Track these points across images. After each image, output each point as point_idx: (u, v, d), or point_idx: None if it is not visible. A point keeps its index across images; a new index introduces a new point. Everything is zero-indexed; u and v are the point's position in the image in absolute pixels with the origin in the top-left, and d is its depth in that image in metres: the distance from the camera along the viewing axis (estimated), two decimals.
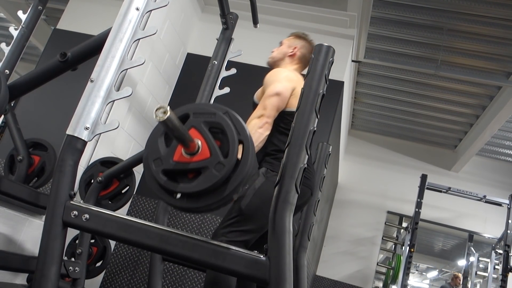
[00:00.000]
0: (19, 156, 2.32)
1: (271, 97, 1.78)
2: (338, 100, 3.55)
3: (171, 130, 0.99)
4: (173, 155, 1.07)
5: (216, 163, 1.04)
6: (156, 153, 1.08)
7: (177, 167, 1.06)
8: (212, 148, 1.06)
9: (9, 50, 2.14)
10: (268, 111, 1.77)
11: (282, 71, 1.92)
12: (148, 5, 1.36)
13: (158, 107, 0.94)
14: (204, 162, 1.05)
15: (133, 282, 3.09)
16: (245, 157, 1.06)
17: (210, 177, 1.03)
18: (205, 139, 1.07)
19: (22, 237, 2.21)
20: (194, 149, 1.05)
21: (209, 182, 1.02)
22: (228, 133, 1.07)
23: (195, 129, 1.08)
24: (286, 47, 2.10)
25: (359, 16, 3.69)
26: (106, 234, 1.13)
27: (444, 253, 9.21)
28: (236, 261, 1.05)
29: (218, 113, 1.09)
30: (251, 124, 1.75)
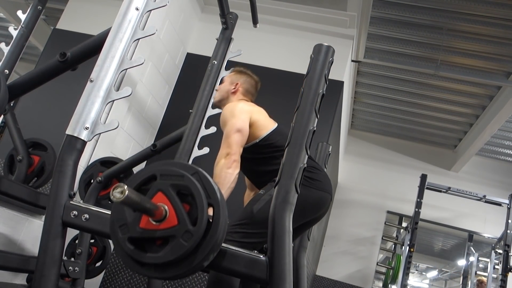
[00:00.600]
0: (18, 156, 2.32)
1: (233, 134, 1.79)
2: (337, 100, 3.55)
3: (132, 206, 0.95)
4: (139, 222, 1.01)
5: (184, 232, 0.98)
6: (122, 219, 1.02)
7: (143, 235, 1.00)
8: (180, 215, 1.00)
9: (9, 50, 2.13)
10: (233, 148, 1.77)
11: (233, 106, 1.92)
12: (147, 5, 1.36)
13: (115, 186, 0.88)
14: (171, 230, 0.99)
15: (133, 282, 3.09)
16: (216, 222, 1.00)
17: (178, 247, 0.97)
18: (172, 204, 1.01)
19: (21, 237, 2.21)
20: (161, 216, 1.00)
21: (176, 253, 0.97)
22: (196, 198, 1.01)
23: (162, 193, 1.02)
24: (228, 84, 2.10)
25: (359, 16, 3.69)
26: (106, 234, 1.12)
27: (444, 253, 9.21)
28: (236, 261, 1.05)
29: (187, 176, 1.03)
30: (220, 165, 1.74)
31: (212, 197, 1.02)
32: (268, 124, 1.91)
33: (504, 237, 4.57)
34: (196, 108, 2.43)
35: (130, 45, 1.31)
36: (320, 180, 1.81)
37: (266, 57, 3.64)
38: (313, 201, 1.78)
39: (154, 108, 3.42)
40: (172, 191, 1.02)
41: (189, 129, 2.38)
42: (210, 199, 1.02)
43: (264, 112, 1.99)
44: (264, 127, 1.89)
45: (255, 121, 1.87)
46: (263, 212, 1.68)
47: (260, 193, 1.75)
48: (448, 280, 11.24)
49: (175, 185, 1.03)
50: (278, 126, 1.93)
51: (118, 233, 1.02)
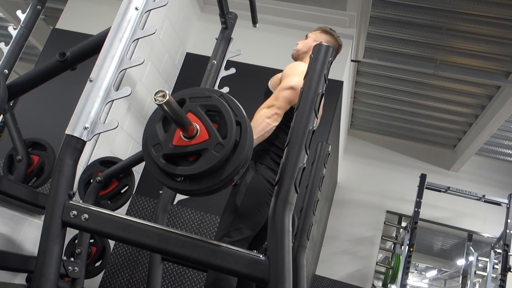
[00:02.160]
0: (18, 156, 2.32)
1: (284, 90, 1.78)
2: (337, 99, 3.55)
3: (169, 113, 0.99)
4: (172, 139, 1.07)
5: (215, 144, 1.04)
6: (155, 138, 1.08)
7: (176, 151, 1.06)
8: (211, 130, 1.06)
9: (8, 50, 2.13)
10: (279, 102, 1.76)
11: (301, 65, 1.89)
12: (147, 5, 1.36)
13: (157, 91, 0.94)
14: (203, 144, 1.05)
15: (133, 282, 3.09)
16: (243, 138, 1.07)
17: (211, 158, 1.03)
18: (202, 122, 1.07)
19: (21, 237, 2.21)
20: (193, 132, 1.05)
21: (209, 163, 1.03)
22: (225, 115, 1.07)
23: (192, 114, 1.08)
24: (312, 41, 2.06)
25: (359, 16, 3.69)
26: (106, 234, 1.12)
27: (443, 253, 9.22)
28: (235, 260, 1.05)
29: (214, 96, 1.09)
30: (261, 113, 1.75)
31: (238, 115, 1.08)
32: None
33: (503, 236, 4.57)
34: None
35: (129, 45, 1.31)
36: None
37: (266, 56, 3.64)
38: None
39: (154, 108, 3.41)
40: (201, 110, 1.08)
41: None
42: (237, 117, 1.08)
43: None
44: None
45: None
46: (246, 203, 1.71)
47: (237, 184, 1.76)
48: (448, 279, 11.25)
49: (203, 105, 1.09)
50: None
51: (152, 152, 1.07)
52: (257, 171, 1.78)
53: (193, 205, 3.21)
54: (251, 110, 1.85)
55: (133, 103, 3.11)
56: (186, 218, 3.20)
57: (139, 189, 3.28)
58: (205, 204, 3.18)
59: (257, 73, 3.59)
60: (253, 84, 3.62)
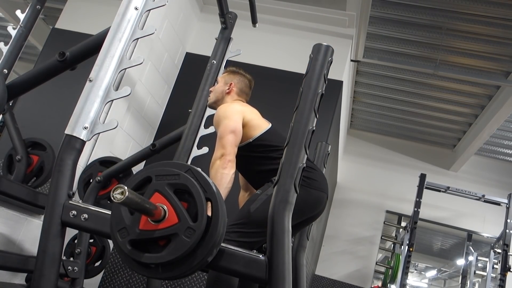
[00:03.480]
0: (17, 156, 2.31)
1: (227, 135, 1.80)
2: (337, 99, 3.55)
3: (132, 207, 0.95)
4: (138, 223, 1.01)
5: (186, 228, 0.98)
6: (121, 223, 1.02)
7: (144, 236, 1.00)
8: (180, 212, 1.00)
9: (8, 50, 2.13)
10: (228, 149, 1.77)
11: (226, 107, 1.93)
12: (146, 5, 1.36)
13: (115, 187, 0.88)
14: (173, 228, 0.99)
15: (132, 281, 3.09)
16: (215, 215, 1.01)
17: (181, 245, 0.97)
18: (171, 203, 1.01)
19: (20, 237, 2.20)
20: (160, 215, 1.00)
21: (180, 250, 0.97)
22: (194, 194, 1.01)
23: (159, 193, 1.03)
24: (223, 85, 2.10)
25: (358, 16, 3.69)
26: (105, 234, 1.12)
27: (443, 253, 9.22)
28: (235, 260, 1.05)
29: (182, 174, 1.03)
30: (215, 166, 1.75)
31: (208, 192, 1.03)
32: (261, 124, 1.93)
33: (503, 236, 4.57)
34: (195, 107, 2.43)
35: (129, 45, 1.31)
36: (317, 180, 1.82)
37: (265, 56, 3.64)
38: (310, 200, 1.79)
39: (153, 107, 3.42)
40: (169, 190, 1.03)
41: (188, 129, 2.38)
42: (207, 194, 1.02)
43: (257, 112, 2.00)
44: (257, 126, 1.90)
45: (249, 121, 1.88)
46: (260, 211, 1.69)
47: (257, 193, 1.76)
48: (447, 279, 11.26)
49: (171, 184, 1.03)
50: (271, 126, 1.95)
51: (118, 237, 1.02)
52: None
53: None
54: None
55: (132, 103, 3.11)
56: None
57: None
58: None
59: (257, 73, 3.57)
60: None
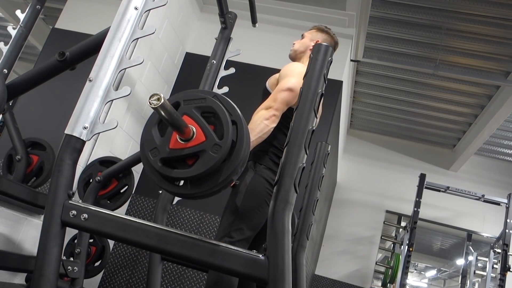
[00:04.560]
0: (17, 156, 2.31)
1: (282, 91, 1.77)
2: (337, 99, 3.55)
3: (165, 116, 0.99)
4: (168, 143, 1.07)
5: (213, 145, 1.04)
6: (152, 143, 1.08)
7: (173, 154, 1.05)
8: (207, 131, 1.06)
9: (7, 50, 2.13)
10: (277, 104, 1.76)
11: (298, 66, 1.89)
12: (146, 5, 1.36)
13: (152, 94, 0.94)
14: (201, 146, 1.05)
15: (132, 281, 3.09)
16: (240, 137, 1.06)
17: (209, 160, 1.03)
18: (198, 124, 1.07)
19: (20, 237, 2.20)
20: (189, 134, 1.05)
21: (207, 164, 1.02)
22: (220, 115, 1.07)
23: (188, 116, 1.08)
24: (308, 40, 2.05)
25: (358, 16, 3.69)
26: (105, 234, 1.12)
27: (442, 252, 9.23)
28: (234, 260, 1.05)
29: (208, 97, 1.09)
30: (258, 114, 1.74)
31: (233, 114, 1.08)
32: None
33: (502, 236, 4.57)
34: None
35: (129, 45, 1.31)
36: None
37: (265, 56, 3.64)
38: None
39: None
40: (197, 113, 1.08)
41: None
42: (232, 116, 1.07)
43: None
44: None
45: None
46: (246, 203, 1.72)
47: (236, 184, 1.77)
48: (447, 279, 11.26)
49: (198, 107, 1.09)
50: None
51: (150, 156, 1.07)
52: (256, 172, 1.79)
53: (193, 205, 3.21)
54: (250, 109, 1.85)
55: (132, 103, 3.11)
56: (185, 218, 3.20)
57: (139, 189, 3.28)
58: (205, 204, 3.18)
59: (257, 73, 3.59)
60: (252, 84, 3.62)
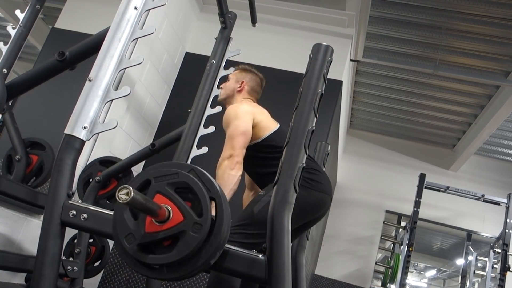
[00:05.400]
0: (17, 156, 2.31)
1: (237, 136, 1.80)
2: (336, 99, 3.55)
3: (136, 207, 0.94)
4: (143, 226, 1.00)
5: (192, 224, 0.97)
6: (126, 228, 1.01)
7: (151, 238, 0.99)
8: (184, 210, 0.99)
9: (7, 49, 2.13)
10: (237, 150, 1.78)
11: (237, 107, 1.93)
12: (146, 4, 1.36)
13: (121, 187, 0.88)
14: (179, 226, 0.98)
15: (132, 281, 3.09)
16: (220, 214, 0.99)
17: (190, 241, 0.96)
18: (173, 202, 1.00)
19: (20, 237, 2.20)
20: (164, 216, 0.99)
21: (189, 246, 0.95)
22: (197, 192, 1.00)
23: (161, 194, 1.02)
24: (234, 83, 2.10)
25: (358, 16, 3.69)
26: (105, 234, 1.12)
27: (442, 252, 9.23)
28: (234, 260, 1.05)
29: (181, 172, 1.03)
30: (222, 166, 1.75)
31: (212, 190, 1.01)
32: (270, 125, 1.93)
33: (502, 236, 4.57)
34: (195, 107, 2.43)
35: (128, 45, 1.31)
36: (320, 182, 1.82)
37: (265, 56, 3.64)
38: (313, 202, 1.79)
39: (153, 107, 3.42)
40: (170, 190, 1.02)
41: (187, 129, 2.38)
42: (211, 192, 1.01)
43: (266, 112, 2.00)
44: (266, 127, 1.90)
45: (258, 122, 1.88)
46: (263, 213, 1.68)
47: (261, 194, 1.76)
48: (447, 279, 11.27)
49: (171, 184, 1.02)
50: (280, 127, 1.95)
51: (125, 244, 1.01)
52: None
53: None
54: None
55: (132, 103, 3.11)
56: None
57: None
58: None
59: None
60: None
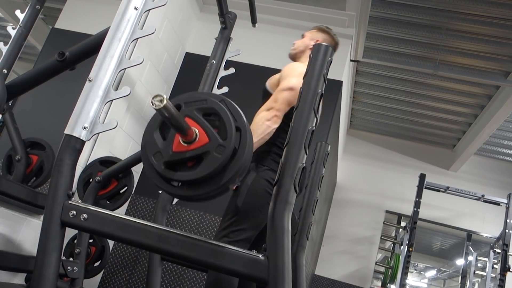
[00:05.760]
0: (17, 156, 2.31)
1: (283, 91, 1.77)
2: (336, 99, 3.55)
3: (168, 118, 0.97)
4: (171, 146, 1.05)
5: (216, 146, 1.02)
6: (155, 146, 1.06)
7: (177, 157, 1.04)
8: (210, 132, 1.04)
9: (7, 50, 2.13)
10: (278, 104, 1.75)
11: (299, 66, 1.89)
12: (146, 5, 1.35)
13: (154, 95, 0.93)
14: (204, 147, 1.03)
15: (132, 281, 3.09)
16: (243, 145, 1.04)
17: (213, 161, 1.01)
18: (201, 125, 1.05)
19: (20, 237, 2.20)
20: (192, 136, 1.03)
21: (212, 166, 1.00)
22: (223, 118, 1.05)
23: (190, 118, 1.06)
24: (308, 40, 2.06)
25: (358, 16, 3.69)
26: (105, 234, 1.12)
27: (442, 253, 9.23)
28: (234, 260, 1.05)
29: (210, 99, 1.07)
30: (260, 115, 1.75)
31: (238, 121, 1.05)
32: None
33: (502, 236, 4.57)
34: None
35: (128, 45, 1.30)
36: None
37: (265, 56, 3.64)
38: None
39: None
40: (198, 114, 1.06)
41: None
42: (237, 123, 1.05)
43: None
44: None
45: None
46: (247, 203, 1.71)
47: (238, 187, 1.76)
48: (447, 279, 11.27)
49: (200, 109, 1.07)
50: None
51: (153, 160, 1.04)
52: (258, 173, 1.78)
53: (193, 205, 3.21)
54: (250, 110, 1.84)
55: (132, 103, 3.11)
56: (185, 218, 3.20)
57: (138, 189, 3.28)
58: (205, 204, 3.18)
59: (257, 73, 3.58)
60: (252, 84, 3.61)
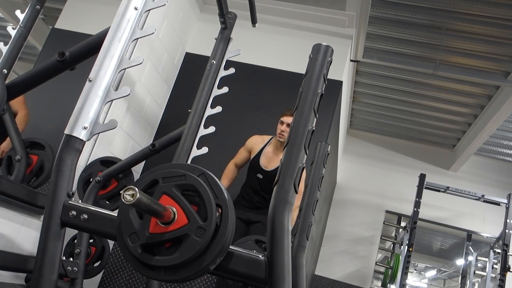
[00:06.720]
0: (17, 156, 2.31)
1: None
2: (336, 99, 3.55)
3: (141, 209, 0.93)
4: (148, 226, 1.00)
5: (196, 228, 0.96)
6: (131, 227, 1.01)
7: (155, 239, 0.98)
8: (189, 213, 0.98)
9: (7, 50, 2.13)
10: None
11: None
12: (146, 5, 1.35)
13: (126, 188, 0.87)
14: (183, 229, 0.97)
15: (132, 281, 3.09)
16: (224, 222, 0.98)
17: (193, 245, 0.95)
18: (179, 204, 0.99)
19: (20, 237, 2.20)
20: (170, 217, 0.98)
21: (192, 250, 0.95)
22: (203, 196, 1.00)
23: (167, 196, 1.01)
24: None
25: (358, 16, 3.69)
26: (105, 234, 1.12)
27: (442, 253, 9.23)
28: (234, 260, 1.05)
29: (188, 174, 1.02)
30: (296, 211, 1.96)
31: (219, 197, 1.00)
32: None
33: (502, 236, 4.57)
34: (195, 107, 2.43)
35: (128, 45, 1.30)
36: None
37: (265, 56, 3.64)
38: None
39: (153, 107, 3.42)
40: (177, 192, 1.01)
41: (188, 129, 2.38)
42: (218, 200, 1.00)
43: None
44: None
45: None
46: None
47: None
48: (447, 279, 11.27)
49: (178, 185, 1.02)
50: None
51: (129, 243, 1.00)
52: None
53: None
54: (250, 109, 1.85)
55: (132, 103, 3.11)
56: None
57: None
58: None
59: (257, 73, 3.59)
60: (252, 84, 3.62)
